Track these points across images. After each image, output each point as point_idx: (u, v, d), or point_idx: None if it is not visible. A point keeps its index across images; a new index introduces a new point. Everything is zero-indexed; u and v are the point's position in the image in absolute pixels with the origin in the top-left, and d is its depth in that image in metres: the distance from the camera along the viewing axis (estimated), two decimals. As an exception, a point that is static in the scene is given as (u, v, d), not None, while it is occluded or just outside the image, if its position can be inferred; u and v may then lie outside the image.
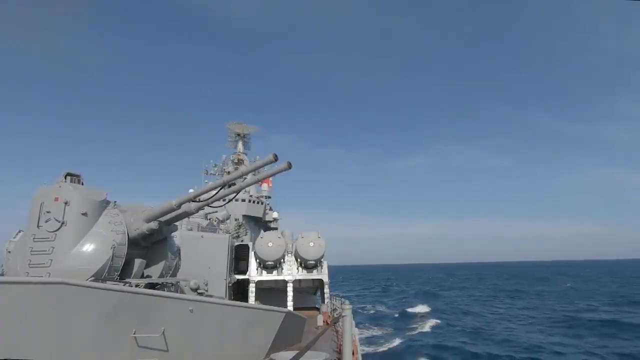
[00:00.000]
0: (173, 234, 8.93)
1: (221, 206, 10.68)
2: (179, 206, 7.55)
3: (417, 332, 31.88)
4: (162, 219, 7.77)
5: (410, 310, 44.51)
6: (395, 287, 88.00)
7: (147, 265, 8.13)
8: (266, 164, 7.63)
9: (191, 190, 10.87)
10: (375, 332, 31.74)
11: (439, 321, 36.34)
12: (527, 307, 45.97)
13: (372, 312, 44.84)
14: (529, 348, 24.86)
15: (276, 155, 7.04)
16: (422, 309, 45.05)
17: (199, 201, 7.86)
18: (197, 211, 8.29)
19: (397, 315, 41.81)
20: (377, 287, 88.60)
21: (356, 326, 14.14)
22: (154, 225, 7.55)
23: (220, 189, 7.90)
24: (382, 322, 36.49)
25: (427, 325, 34.52)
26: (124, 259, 7.16)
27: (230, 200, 10.03)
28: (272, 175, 8.41)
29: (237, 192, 8.69)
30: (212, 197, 8.11)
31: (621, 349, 24.33)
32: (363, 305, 49.07)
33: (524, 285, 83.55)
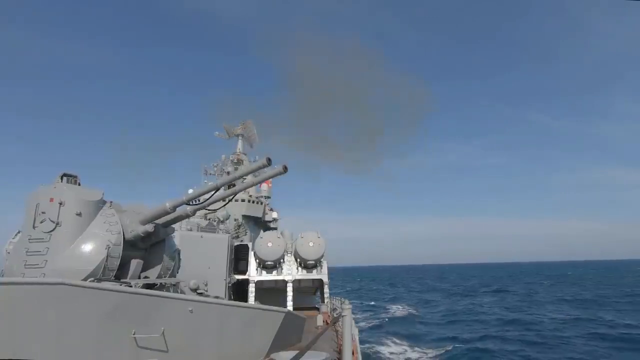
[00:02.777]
0: (173, 234, 8.92)
1: (218, 209, 10.70)
2: (173, 209, 7.53)
3: (409, 331, 32.04)
4: (158, 221, 7.75)
5: (404, 311, 44.74)
6: (389, 287, 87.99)
7: (145, 267, 8.10)
8: (258, 168, 7.59)
9: (190, 191, 10.84)
10: (372, 332, 31.75)
11: (428, 320, 36.90)
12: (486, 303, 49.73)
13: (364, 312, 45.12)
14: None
15: (269, 159, 7.01)
16: (413, 309, 45.55)
17: (195, 204, 7.87)
18: (193, 214, 8.32)
19: (389, 313, 42.20)
20: (369, 290, 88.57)
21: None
22: (149, 227, 7.51)
23: (214, 193, 7.90)
24: (376, 323, 36.60)
25: (417, 324, 35.03)
26: (120, 260, 7.12)
27: (227, 203, 10.10)
28: (269, 178, 8.45)
29: (234, 194, 8.74)
30: (206, 200, 8.14)
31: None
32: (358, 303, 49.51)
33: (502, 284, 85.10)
